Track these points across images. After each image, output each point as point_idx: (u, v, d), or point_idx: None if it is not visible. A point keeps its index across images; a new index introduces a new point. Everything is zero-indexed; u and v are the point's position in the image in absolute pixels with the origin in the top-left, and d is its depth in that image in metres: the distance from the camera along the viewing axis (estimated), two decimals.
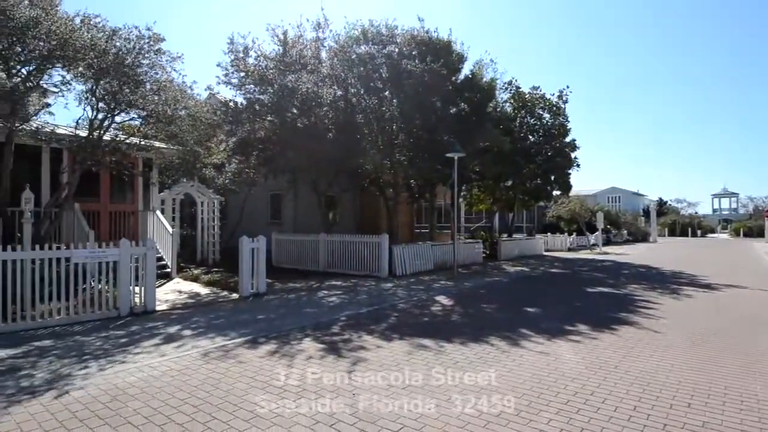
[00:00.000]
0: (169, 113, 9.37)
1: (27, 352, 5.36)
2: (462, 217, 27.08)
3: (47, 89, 9.19)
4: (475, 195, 23.03)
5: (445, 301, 9.33)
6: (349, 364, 5.01)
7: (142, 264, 7.65)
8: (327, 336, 6.28)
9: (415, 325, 7.09)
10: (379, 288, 10.82)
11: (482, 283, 12.17)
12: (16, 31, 7.04)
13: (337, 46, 13.83)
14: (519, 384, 4.44)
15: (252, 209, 17.69)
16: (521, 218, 33.06)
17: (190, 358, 5.19)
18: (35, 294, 6.56)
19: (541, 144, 20.86)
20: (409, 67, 12.93)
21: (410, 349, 5.65)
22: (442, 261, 15.31)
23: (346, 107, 13.87)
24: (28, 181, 9.12)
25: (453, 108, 15.23)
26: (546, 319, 7.53)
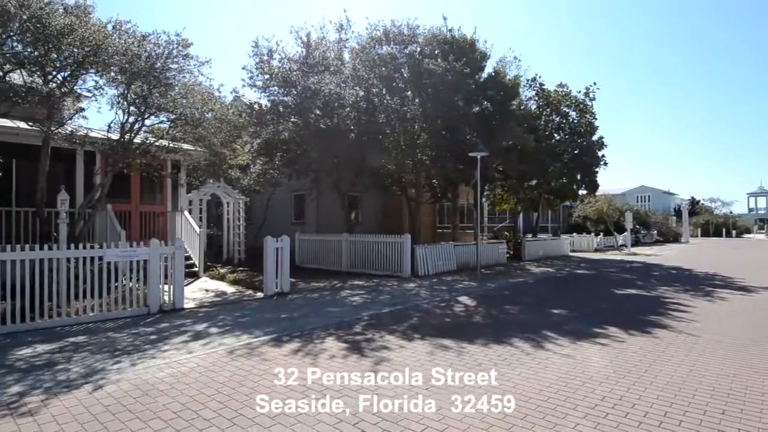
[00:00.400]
0: (196, 116, 9.61)
1: (63, 347, 5.58)
2: (485, 217, 26.80)
3: (81, 94, 9.54)
4: (498, 194, 22.74)
5: (468, 302, 9.26)
6: (372, 363, 5.03)
7: (171, 263, 7.86)
8: (350, 335, 6.31)
9: (437, 326, 7.06)
10: (402, 288, 10.81)
11: (506, 284, 12.01)
12: (52, 39, 7.33)
13: (359, 47, 13.90)
14: (544, 387, 4.36)
15: (276, 209, 17.95)
16: (546, 218, 32.47)
17: (216, 355, 5.30)
18: (70, 291, 6.82)
19: (566, 142, 20.45)
20: (431, 66, 12.88)
21: (432, 349, 5.63)
22: (464, 261, 15.18)
23: (368, 108, 13.91)
24: (64, 182, 9.50)
25: (476, 107, 15.09)
26: (572, 321, 7.37)
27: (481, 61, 15.05)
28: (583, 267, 17.30)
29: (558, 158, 20.04)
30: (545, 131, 19.67)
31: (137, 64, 8.28)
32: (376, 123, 13.87)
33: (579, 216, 31.75)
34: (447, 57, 13.39)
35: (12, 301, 6.24)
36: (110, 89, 8.96)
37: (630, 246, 27.45)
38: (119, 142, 9.10)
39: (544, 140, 18.87)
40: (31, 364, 4.91)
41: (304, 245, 15.10)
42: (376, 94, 14.00)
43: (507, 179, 19.55)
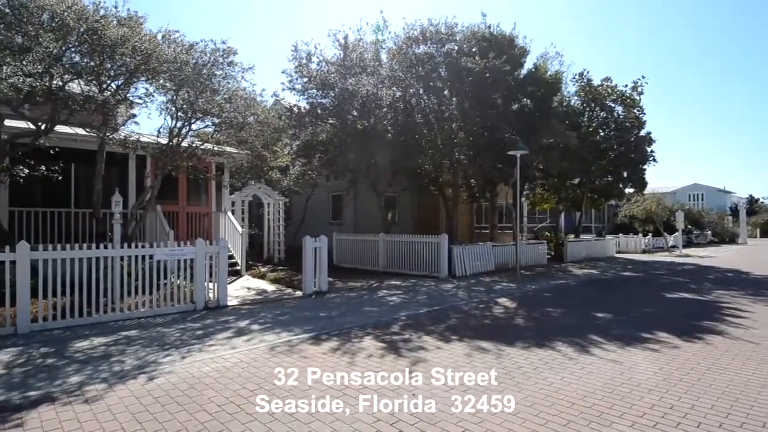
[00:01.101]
0: (239, 120, 9.96)
1: (117, 341, 5.91)
2: (524, 217, 26.15)
3: (133, 101, 10.08)
4: (538, 194, 22.14)
5: (508, 304, 9.07)
6: (409, 363, 5.02)
7: (215, 262, 8.17)
8: (387, 335, 6.33)
9: (475, 327, 6.96)
10: (439, 288, 10.73)
11: (547, 286, 11.68)
12: (107, 49, 7.79)
13: (396, 47, 13.92)
14: (588, 393, 4.21)
15: (314, 210, 18.28)
16: (589, 218, 31.28)
17: (258, 352, 5.46)
18: (123, 288, 7.22)
19: (612, 138, 19.64)
20: (468, 64, 12.72)
21: (470, 351, 5.55)
22: (503, 262, 14.89)
23: (405, 108, 13.91)
24: (117, 185, 10.08)
25: (515, 104, 14.77)
26: (618, 325, 7.07)
27: (521, 58, 14.72)
28: (629, 269, 16.56)
29: (603, 155, 19.29)
30: (589, 128, 18.98)
31: (185, 71, 8.67)
32: (413, 123, 13.85)
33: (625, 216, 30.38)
34: (486, 54, 13.19)
35: (71, 297, 6.67)
36: (159, 96, 9.44)
37: (681, 247, 26.01)
38: (168, 146, 9.54)
39: (588, 137, 18.21)
40: (88, 356, 5.24)
41: (341, 245, 15.28)
42: (413, 94, 13.99)
43: (548, 178, 19.00)
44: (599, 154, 19.10)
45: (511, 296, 9.90)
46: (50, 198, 10.33)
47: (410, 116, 13.93)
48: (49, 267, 6.52)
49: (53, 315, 6.50)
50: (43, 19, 7.36)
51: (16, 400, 3.95)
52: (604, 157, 19.44)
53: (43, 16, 7.37)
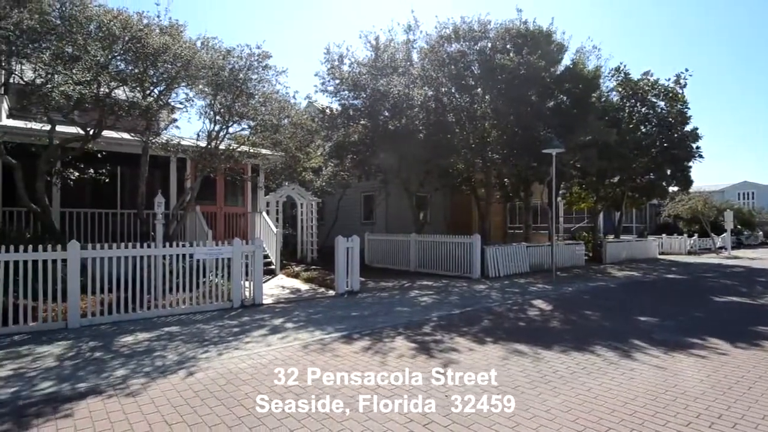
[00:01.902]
0: (274, 122, 10.18)
1: (159, 336, 6.16)
2: (560, 217, 25.47)
3: (174, 106, 10.49)
4: (575, 193, 21.50)
5: (543, 306, 8.85)
6: (441, 365, 4.98)
7: (251, 261, 8.38)
8: (418, 335, 6.31)
9: (510, 330, 6.83)
10: (471, 289, 10.60)
11: (585, 288, 11.32)
12: (150, 57, 8.13)
13: (427, 46, 13.85)
14: (630, 400, 4.05)
15: (346, 210, 18.44)
16: (630, 218, 30.08)
17: (292, 349, 5.56)
18: (165, 285, 7.52)
19: (654, 135, 18.82)
20: (502, 61, 12.50)
21: (505, 354, 5.45)
22: (538, 263, 14.54)
23: (437, 107, 13.82)
24: (160, 187, 10.51)
25: (551, 101, 14.41)
26: (662, 330, 6.77)
27: (558, 54, 14.34)
28: (674, 271, 15.82)
29: (644, 152, 18.52)
30: (629, 124, 18.26)
31: (222, 76, 8.94)
32: (444, 122, 13.75)
33: (669, 215, 29.09)
34: (520, 51, 12.93)
35: (117, 293, 7.01)
36: (199, 100, 9.77)
37: (730, 249, 24.63)
38: (207, 148, 9.87)
39: (628, 133, 17.52)
40: (133, 351, 5.49)
41: (373, 245, 15.34)
42: (444, 93, 13.88)
43: (585, 176, 18.41)
44: (640, 151, 18.34)
45: (546, 298, 9.65)
46: (98, 199, 10.91)
47: (442, 115, 13.83)
48: (98, 265, 6.88)
49: (101, 311, 6.85)
50: (90, 29, 7.76)
51: (66, 391, 4.18)
52: (646, 155, 18.65)
53: (91, 27, 7.77)
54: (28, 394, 4.09)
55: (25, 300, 6.28)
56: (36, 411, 3.75)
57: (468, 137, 14.24)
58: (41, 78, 8.04)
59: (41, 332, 6.22)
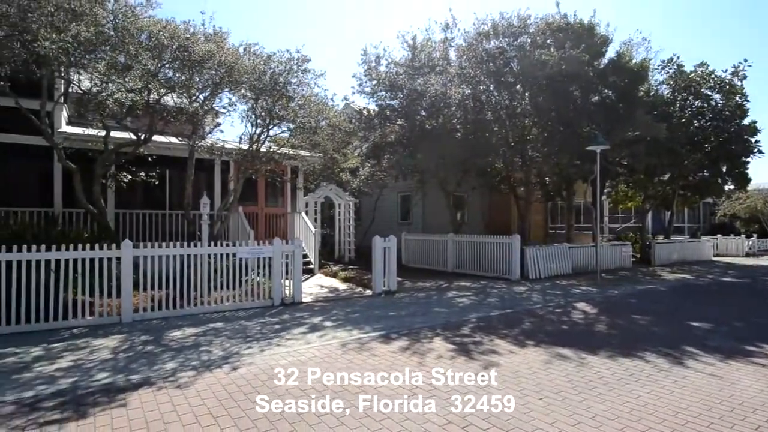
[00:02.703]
0: (312, 124, 10.38)
1: (205, 332, 6.41)
2: (605, 217, 24.49)
3: (218, 111, 10.89)
4: (621, 191, 20.61)
5: (588, 309, 8.54)
6: (480, 367, 4.90)
7: (290, 260, 8.57)
8: (457, 337, 6.24)
9: (552, 333, 6.63)
10: (511, 291, 10.38)
11: (632, 291, 10.83)
12: (196, 64, 8.48)
13: (465, 44, 13.68)
14: (682, 409, 3.84)
15: (383, 210, 18.50)
16: (681, 217, 28.51)
17: (331, 348, 5.64)
18: (210, 283, 7.82)
19: (708, 129, 17.73)
20: (543, 57, 12.17)
21: (548, 358, 5.30)
22: (581, 265, 14.05)
23: (475, 105, 13.63)
24: (205, 188, 10.94)
25: (595, 96, 13.88)
26: (717, 336, 6.38)
27: (602, 47, 13.80)
28: (730, 274, 14.86)
29: (697, 148, 17.48)
30: (681, 118, 17.29)
31: (263, 80, 9.20)
32: (483, 120, 13.53)
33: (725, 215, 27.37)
34: (562, 45, 12.56)
35: (166, 290, 7.35)
36: (241, 105, 10.10)
37: None
38: (249, 151, 10.18)
39: (680, 128, 16.60)
40: (181, 345, 5.74)
41: (410, 245, 15.32)
42: (483, 91, 13.66)
43: (632, 174, 17.61)
44: (693, 146, 17.32)
45: (591, 301, 9.31)
46: (148, 201, 11.50)
47: (480, 114, 13.62)
48: (148, 263, 7.25)
49: (151, 306, 7.21)
50: (141, 39, 8.18)
51: (120, 382, 4.43)
52: (699, 150, 17.59)
53: (142, 37, 8.19)
54: (86, 384, 4.36)
55: (83, 296, 6.71)
56: (93, 400, 3.99)
57: (507, 135, 13.95)
58: (97, 87, 8.57)
59: (98, 326, 6.62)
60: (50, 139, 8.75)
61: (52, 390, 4.20)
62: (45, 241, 6.73)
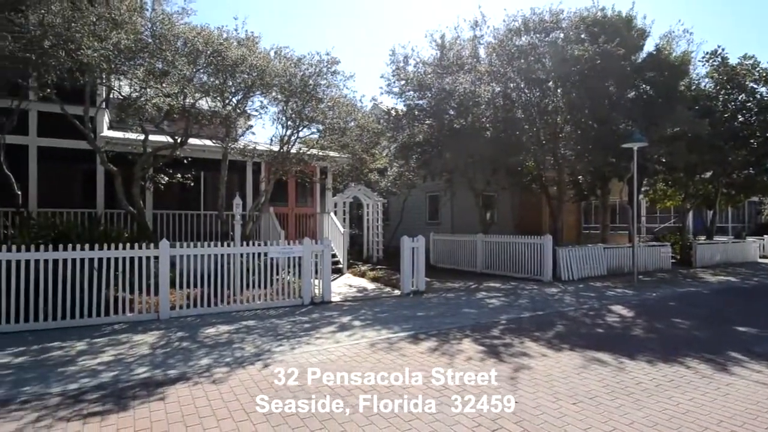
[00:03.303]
0: (341, 125, 10.48)
1: (238, 329, 6.57)
2: (643, 216, 23.63)
3: (250, 114, 11.15)
4: (660, 190, 19.81)
5: (624, 312, 8.26)
6: (511, 370, 4.82)
7: (320, 260, 8.68)
8: (486, 338, 6.16)
9: (586, 336, 6.45)
10: (543, 292, 10.15)
11: (672, 294, 10.40)
12: (228, 69, 8.71)
13: (495, 41, 13.48)
14: (726, 418, 3.66)
15: (411, 210, 18.47)
16: (725, 217, 27.12)
17: (359, 347, 5.67)
18: (242, 282, 8.01)
19: (754, 124, 16.79)
20: (576, 52, 11.84)
21: (582, 362, 5.16)
22: (617, 266, 13.60)
23: (505, 103, 13.41)
24: (237, 189, 11.22)
25: (631, 92, 13.42)
26: (764, 342, 6.05)
27: (639, 40, 13.34)
28: None
29: (742, 144, 16.59)
30: (724, 113, 16.46)
31: (293, 83, 9.36)
32: (513, 119, 13.30)
33: None
34: (596, 40, 12.19)
35: (201, 288, 7.58)
36: (272, 107, 10.31)
37: None
38: (279, 152, 10.37)
39: (723, 124, 15.81)
40: (215, 341, 5.90)
41: (438, 245, 15.22)
42: (513, 89, 13.42)
43: (672, 172, 16.90)
44: (737, 142, 16.45)
45: (627, 304, 9.00)
46: (184, 201, 11.89)
47: (510, 112, 13.39)
48: (184, 262, 7.49)
49: (187, 304, 7.45)
50: (177, 45, 8.46)
51: (158, 377, 4.60)
52: (744, 146, 16.69)
53: (178, 43, 8.47)
54: (126, 378, 4.55)
55: (123, 293, 7.00)
56: (133, 394, 4.16)
57: (538, 133, 13.66)
58: (136, 92, 8.92)
59: (137, 322, 6.89)
60: (93, 143, 9.18)
61: (94, 383, 4.40)
62: (89, 240, 7.07)
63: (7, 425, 3.49)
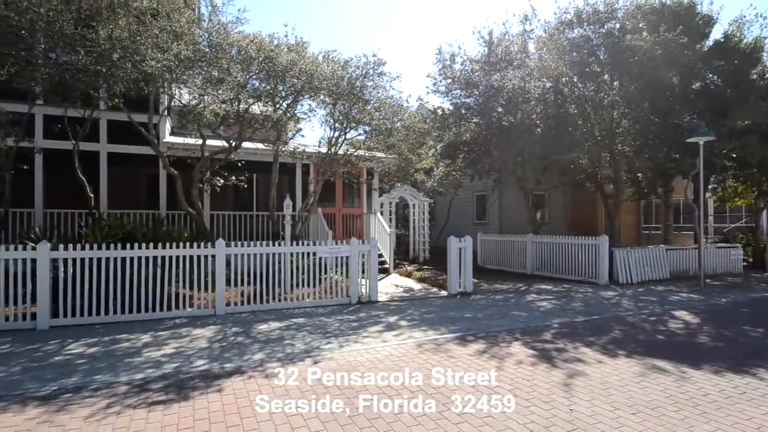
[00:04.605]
0: (388, 126, 10.55)
1: (288, 326, 6.77)
2: (710, 216, 21.99)
3: (299, 117, 11.46)
4: (730, 187, 18.31)
5: (688, 318, 7.72)
6: (565, 376, 4.65)
7: (366, 259, 8.77)
8: (538, 342, 5.97)
9: (647, 343, 6.09)
10: (598, 296, 9.70)
11: (743, 299, 9.60)
12: (279, 74, 9.01)
13: (545, 35, 13.04)
14: None
15: (458, 210, 18.24)
16: None
17: (406, 347, 5.68)
18: (292, 280, 8.25)
19: None
20: (634, 43, 11.22)
21: (642, 370, 4.88)
22: (681, 269, 12.75)
23: (556, 99, 12.92)
24: (287, 190, 11.57)
25: (696, 82, 12.54)
26: None
27: (704, 27, 12.45)
28: None
29: None
30: None
31: (341, 86, 9.53)
32: (565, 114, 12.80)
33: None
34: (656, 29, 11.50)
35: (253, 286, 7.88)
36: (320, 110, 10.55)
37: None
38: (327, 154, 10.59)
39: None
40: (267, 338, 6.12)
41: (486, 246, 14.93)
42: (565, 83, 12.91)
43: (743, 168, 15.57)
44: None
45: (692, 309, 8.41)
46: (238, 203, 12.43)
47: (562, 107, 12.89)
48: (239, 261, 7.83)
49: (241, 301, 7.78)
50: (232, 53, 8.85)
51: (215, 369, 4.83)
52: None
53: (233, 51, 8.86)
54: (186, 370, 4.81)
55: (183, 289, 7.41)
56: (192, 384, 4.40)
57: (593, 129, 13.05)
58: (195, 99, 9.42)
59: (196, 317, 7.27)
60: (156, 149, 9.79)
61: (158, 373, 4.70)
62: (152, 240, 7.55)
63: (81, 410, 3.80)
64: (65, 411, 3.77)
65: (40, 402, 3.95)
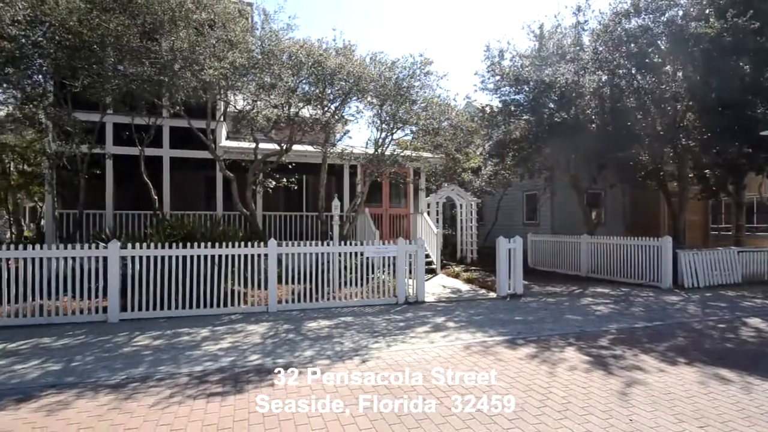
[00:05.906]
0: (434, 126, 10.50)
1: (337, 324, 6.91)
2: None
3: (347, 119, 11.66)
4: None
5: (763, 326, 7.10)
6: (622, 384, 4.42)
7: (413, 260, 8.76)
8: (593, 348, 5.72)
9: (715, 352, 5.67)
10: (660, 300, 9.13)
11: None
12: (328, 77, 9.21)
13: (600, 26, 12.45)
14: None
15: (507, 210, 17.81)
16: None
17: (454, 349, 5.62)
18: (340, 280, 8.40)
19: None
20: (699, 30, 10.46)
21: (705, 379, 4.56)
22: (755, 273, 11.74)
23: (613, 92, 12.29)
24: (335, 191, 11.80)
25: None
26: None
27: None
28: None
29: None
30: None
31: (388, 87, 9.61)
32: (623, 108, 12.15)
33: None
34: (723, 14, 10.65)
35: (303, 285, 8.11)
36: (367, 111, 10.69)
37: None
38: (374, 155, 10.70)
39: None
40: (317, 335, 6.27)
41: (537, 247, 14.47)
42: (622, 76, 12.26)
43: None
44: None
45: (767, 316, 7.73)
46: (288, 203, 12.83)
47: (619, 101, 12.23)
48: (289, 260, 8.09)
49: (291, 299, 8.02)
50: (283, 59, 9.16)
51: (268, 364, 5.01)
52: None
53: (283, 57, 9.17)
54: (241, 364, 5.04)
55: (238, 287, 7.76)
56: (247, 378, 4.59)
57: (654, 123, 12.31)
58: (249, 105, 9.82)
59: (250, 314, 7.58)
60: (214, 153, 10.31)
61: (215, 366, 4.94)
62: (210, 239, 7.96)
63: (146, 399, 4.07)
64: (132, 399, 4.06)
65: (110, 389, 4.28)
